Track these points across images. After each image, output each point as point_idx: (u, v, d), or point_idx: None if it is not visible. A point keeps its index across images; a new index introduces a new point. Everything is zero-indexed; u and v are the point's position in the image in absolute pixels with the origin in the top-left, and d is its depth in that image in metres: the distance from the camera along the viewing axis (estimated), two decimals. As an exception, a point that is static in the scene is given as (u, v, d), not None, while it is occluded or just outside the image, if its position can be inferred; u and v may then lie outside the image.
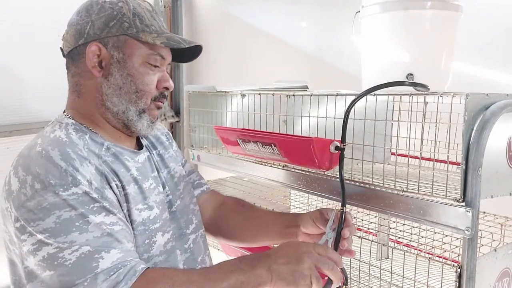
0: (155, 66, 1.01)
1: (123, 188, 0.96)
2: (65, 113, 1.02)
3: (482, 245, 1.06)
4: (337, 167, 1.02)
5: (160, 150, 1.15)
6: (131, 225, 0.95)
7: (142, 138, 1.12)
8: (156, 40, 0.98)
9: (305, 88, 1.50)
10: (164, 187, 1.09)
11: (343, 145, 1.00)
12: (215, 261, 1.12)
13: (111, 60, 0.98)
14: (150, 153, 1.11)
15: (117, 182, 0.95)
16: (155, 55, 1.00)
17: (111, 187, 0.93)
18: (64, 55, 1.03)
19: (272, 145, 1.10)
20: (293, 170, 1.23)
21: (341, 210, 0.99)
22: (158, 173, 1.10)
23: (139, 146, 1.11)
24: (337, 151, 1.01)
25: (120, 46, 0.98)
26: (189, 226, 1.12)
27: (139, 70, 0.99)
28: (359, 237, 1.21)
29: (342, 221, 0.98)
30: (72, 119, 1.00)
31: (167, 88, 1.04)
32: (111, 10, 0.98)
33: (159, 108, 1.05)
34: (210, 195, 1.29)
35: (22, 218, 0.85)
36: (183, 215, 1.11)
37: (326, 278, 1.05)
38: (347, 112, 0.99)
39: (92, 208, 0.86)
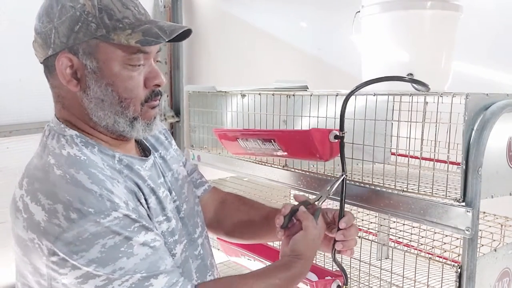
0: (138, 65, 0.88)
1: (146, 201, 0.91)
2: (62, 123, 0.92)
3: (482, 245, 1.05)
4: (337, 160, 1.02)
5: (161, 152, 1.09)
6: None
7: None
8: (130, 40, 0.84)
9: (305, 88, 1.50)
10: (171, 192, 1.02)
11: (342, 133, 1.00)
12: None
13: (85, 70, 0.87)
14: (153, 156, 1.03)
15: (143, 197, 0.91)
16: (135, 54, 0.87)
17: (141, 203, 0.89)
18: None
19: (272, 140, 1.10)
20: (293, 170, 1.23)
21: (342, 175, 1.00)
22: (164, 178, 1.03)
23: (141, 149, 1.04)
24: (336, 140, 1.01)
25: (92, 53, 0.86)
26: (196, 230, 1.07)
27: (119, 76, 0.87)
28: (359, 237, 1.21)
29: (344, 188, 1.00)
30: (73, 129, 0.91)
31: (158, 85, 0.92)
32: (73, 10, 0.85)
33: (154, 107, 0.94)
34: (212, 193, 1.25)
35: (61, 251, 0.78)
36: (190, 219, 1.07)
37: (328, 277, 1.05)
38: (346, 100, 0.99)
39: (133, 229, 0.82)
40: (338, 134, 1.00)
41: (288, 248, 0.96)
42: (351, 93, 0.98)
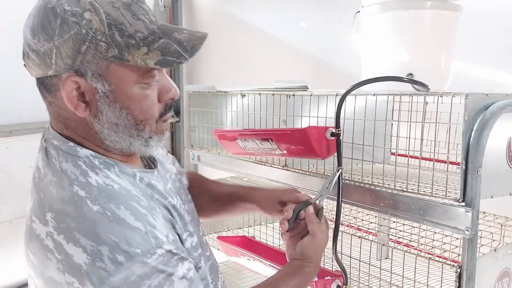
0: (153, 83, 0.80)
1: (177, 223, 0.87)
2: (68, 140, 0.82)
3: (482, 245, 1.06)
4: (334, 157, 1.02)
5: (155, 152, 0.99)
6: None
7: None
8: (148, 61, 0.75)
9: (305, 88, 1.50)
10: (178, 197, 0.95)
11: (338, 130, 1.00)
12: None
13: (96, 94, 0.77)
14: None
15: (175, 222, 0.85)
16: (150, 71, 0.78)
17: (175, 230, 0.84)
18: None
19: (270, 140, 1.10)
20: (292, 170, 1.23)
21: (338, 169, 1.01)
22: (168, 182, 0.95)
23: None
24: (333, 138, 1.01)
25: (102, 75, 0.76)
26: (200, 228, 1.03)
27: (134, 97, 0.79)
28: (359, 237, 1.21)
29: (341, 182, 1.02)
30: (84, 148, 0.81)
31: (172, 98, 0.85)
32: (77, 27, 0.72)
33: (166, 121, 0.87)
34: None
35: None
36: (194, 218, 1.01)
37: (328, 277, 1.05)
38: (343, 97, 0.99)
39: (174, 263, 0.77)
40: (334, 131, 1.00)
41: (297, 253, 0.98)
42: (348, 91, 0.99)
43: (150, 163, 0.96)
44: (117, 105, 0.78)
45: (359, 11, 1.24)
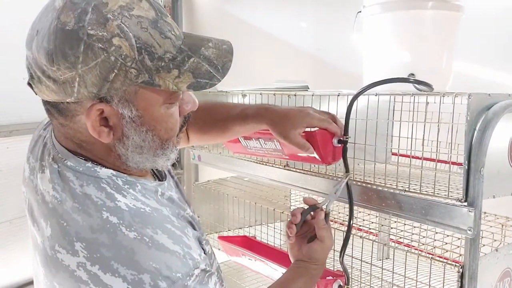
0: (178, 100, 0.77)
1: (201, 235, 0.85)
2: (85, 160, 0.76)
3: (484, 245, 1.06)
4: (338, 163, 1.02)
5: None
6: None
7: None
8: (180, 85, 0.71)
9: (306, 88, 1.50)
10: (184, 200, 0.92)
11: (346, 138, 0.99)
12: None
13: (122, 120, 0.72)
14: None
15: (199, 235, 0.83)
16: (177, 92, 0.75)
17: (202, 245, 0.82)
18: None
19: (274, 140, 1.10)
20: (294, 170, 1.23)
21: (346, 175, 1.02)
22: (174, 186, 0.92)
23: None
24: (340, 145, 1.00)
25: (129, 100, 0.71)
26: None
27: (160, 119, 0.75)
28: (360, 237, 1.21)
29: (350, 188, 1.03)
30: (104, 167, 0.76)
31: (192, 110, 0.82)
32: (105, 54, 0.66)
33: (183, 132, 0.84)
34: None
35: None
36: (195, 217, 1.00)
37: (329, 277, 1.05)
38: (350, 105, 0.99)
39: (206, 280, 0.74)
40: (341, 138, 1.00)
41: (304, 255, 0.99)
42: (356, 96, 0.98)
43: (159, 171, 0.92)
44: (144, 129, 0.74)
45: (360, 11, 1.24)
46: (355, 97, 0.98)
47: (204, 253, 0.80)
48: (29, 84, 0.73)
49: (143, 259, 0.69)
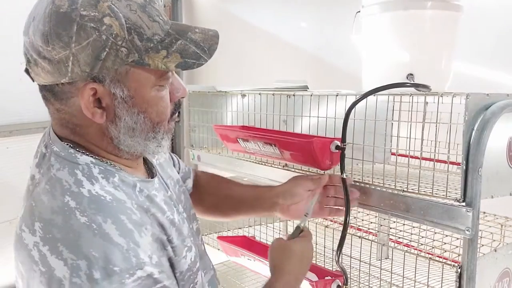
0: (167, 83, 0.81)
1: (171, 242, 0.82)
2: (70, 146, 0.79)
3: (482, 245, 1.05)
4: (337, 167, 1.02)
5: (156, 156, 0.95)
6: (181, 275, 0.83)
7: None
8: (168, 64, 0.75)
9: (305, 88, 1.50)
10: (178, 204, 0.92)
11: (344, 145, 1.00)
12: (214, 261, 1.11)
13: (114, 100, 0.75)
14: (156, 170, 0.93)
15: (167, 241, 0.81)
16: (166, 74, 0.79)
17: (166, 251, 0.80)
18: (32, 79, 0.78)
19: (273, 144, 1.10)
20: (293, 170, 1.23)
21: (342, 177, 1.02)
22: (169, 189, 0.93)
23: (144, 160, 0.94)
24: (337, 151, 1.01)
25: (121, 80, 0.74)
26: (200, 237, 1.01)
27: (151, 100, 0.78)
28: (359, 237, 1.21)
29: (348, 190, 1.02)
30: (86, 154, 0.79)
31: (182, 97, 0.85)
32: (97, 33, 0.70)
33: (175, 120, 0.86)
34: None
35: None
36: (192, 226, 0.98)
37: (328, 277, 1.05)
38: (348, 113, 0.99)
39: None
40: (339, 145, 1.00)
41: (269, 257, 0.99)
42: (354, 104, 0.98)
43: (151, 168, 0.94)
44: (135, 110, 0.77)
45: (359, 11, 1.24)
46: (353, 105, 0.98)
47: (172, 265, 0.80)
48: (26, 70, 0.77)
49: (85, 245, 0.69)
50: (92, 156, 0.79)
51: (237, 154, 1.40)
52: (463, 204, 0.88)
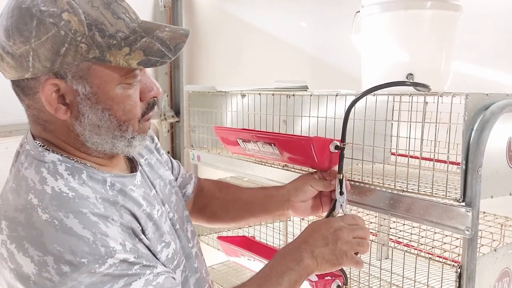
0: (135, 82, 0.80)
1: (145, 233, 0.82)
2: (40, 145, 0.80)
3: (482, 245, 1.05)
4: (336, 166, 1.02)
5: (146, 157, 0.99)
6: None
7: None
8: (130, 61, 0.74)
9: (305, 88, 1.50)
10: (164, 204, 0.94)
11: (343, 145, 1.00)
12: (214, 261, 1.12)
13: (77, 96, 0.75)
14: (139, 166, 0.94)
15: (141, 231, 0.81)
16: (132, 72, 0.77)
17: (140, 239, 0.80)
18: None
19: (272, 144, 1.10)
20: (293, 170, 1.23)
21: (339, 177, 1.00)
22: (155, 188, 0.94)
23: (128, 159, 0.94)
24: (337, 151, 1.01)
25: (83, 76, 0.74)
26: (189, 239, 1.01)
27: (116, 98, 0.77)
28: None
29: (342, 185, 1.01)
30: (54, 152, 0.79)
31: (154, 97, 0.85)
32: (55, 28, 0.70)
33: (149, 120, 0.86)
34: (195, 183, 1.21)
35: None
36: (183, 228, 0.99)
37: (328, 277, 1.05)
38: (347, 112, 0.99)
39: (133, 273, 0.73)
40: (339, 145, 1.00)
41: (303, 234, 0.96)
42: (353, 103, 0.98)
43: (136, 167, 0.94)
44: (99, 107, 0.77)
45: (359, 11, 1.24)
46: (353, 103, 0.98)
47: (149, 249, 0.80)
48: None
49: (48, 241, 0.70)
50: (60, 154, 0.80)
51: (237, 155, 1.40)
52: (463, 204, 0.88)
